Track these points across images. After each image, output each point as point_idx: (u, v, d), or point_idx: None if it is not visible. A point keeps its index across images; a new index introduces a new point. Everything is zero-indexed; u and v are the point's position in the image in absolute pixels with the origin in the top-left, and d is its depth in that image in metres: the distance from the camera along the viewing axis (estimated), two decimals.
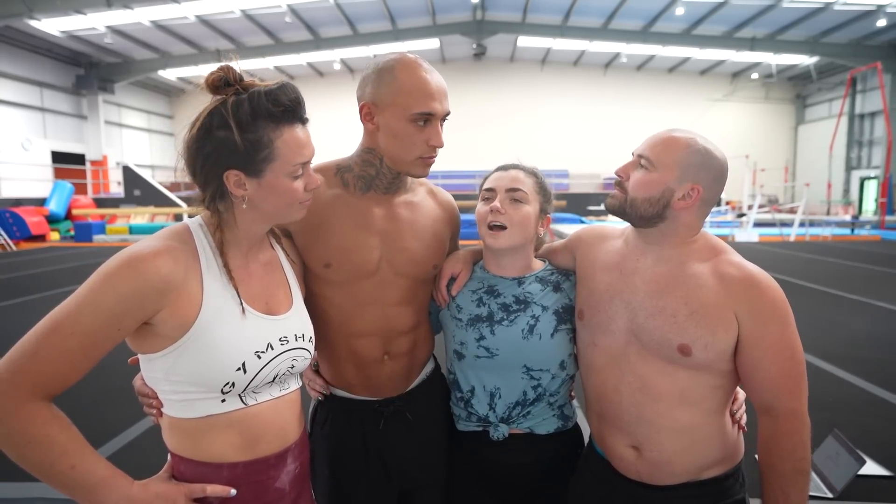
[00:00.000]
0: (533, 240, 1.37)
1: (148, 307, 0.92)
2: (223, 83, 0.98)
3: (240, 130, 0.95)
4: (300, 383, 1.15)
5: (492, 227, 1.30)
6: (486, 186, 1.35)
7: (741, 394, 1.27)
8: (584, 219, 16.37)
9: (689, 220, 1.16)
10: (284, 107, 0.97)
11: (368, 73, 1.25)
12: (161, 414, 1.03)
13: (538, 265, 1.41)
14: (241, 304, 1.01)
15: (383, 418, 1.35)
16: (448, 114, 1.26)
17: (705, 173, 1.13)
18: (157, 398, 1.01)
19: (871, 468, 2.53)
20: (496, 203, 1.29)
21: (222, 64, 0.99)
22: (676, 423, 1.15)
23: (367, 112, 1.24)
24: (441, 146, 1.25)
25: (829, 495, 2.32)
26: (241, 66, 1.00)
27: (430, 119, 1.22)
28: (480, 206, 1.34)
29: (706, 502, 1.18)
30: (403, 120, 1.21)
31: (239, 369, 0.98)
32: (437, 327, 1.49)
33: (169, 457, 1.03)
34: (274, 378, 1.04)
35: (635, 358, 1.18)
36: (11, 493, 2.40)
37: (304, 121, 1.02)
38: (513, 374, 1.32)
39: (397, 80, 1.20)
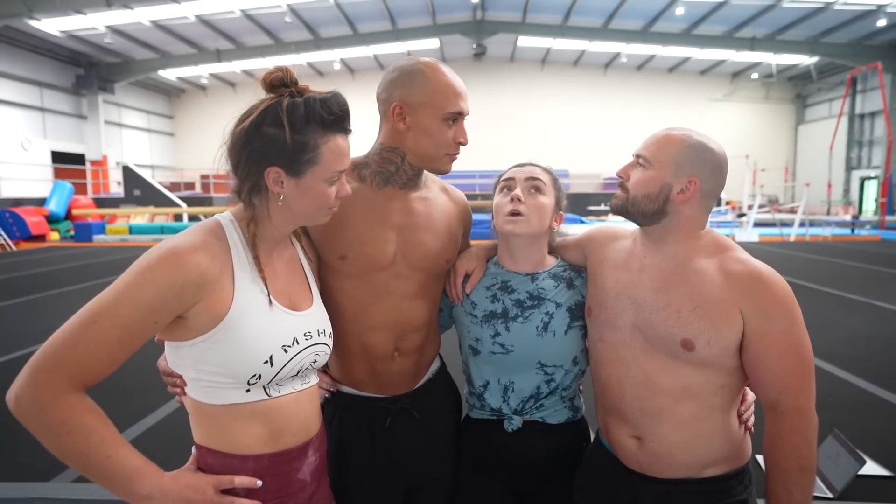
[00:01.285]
0: (548, 233, 1.39)
1: (186, 301, 0.94)
2: (280, 83, 1.02)
3: (292, 131, 0.99)
4: (317, 378, 1.18)
5: (511, 214, 1.32)
6: (505, 177, 1.38)
7: (750, 395, 1.27)
8: (584, 219, 16.38)
9: (691, 213, 1.19)
10: (336, 115, 1.02)
11: (393, 76, 1.29)
12: (184, 393, 1.05)
13: (551, 261, 1.43)
14: (270, 299, 1.04)
15: (390, 415, 1.36)
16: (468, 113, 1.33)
17: (701, 166, 1.16)
18: (182, 379, 1.04)
19: (871, 468, 2.53)
20: (517, 191, 1.33)
21: (281, 65, 1.04)
22: (678, 416, 1.16)
23: (399, 112, 1.28)
24: (467, 143, 1.32)
25: (829, 495, 2.32)
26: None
27: (458, 118, 1.29)
28: (499, 198, 1.37)
29: (707, 500, 1.18)
30: (437, 119, 1.27)
31: (266, 362, 1.00)
32: (447, 324, 1.51)
33: (194, 449, 1.05)
34: (298, 372, 1.07)
35: (640, 353, 1.20)
36: (11, 493, 2.40)
37: (348, 132, 1.07)
38: (527, 370, 1.35)
39: (430, 82, 1.26)
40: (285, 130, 0.98)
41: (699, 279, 1.15)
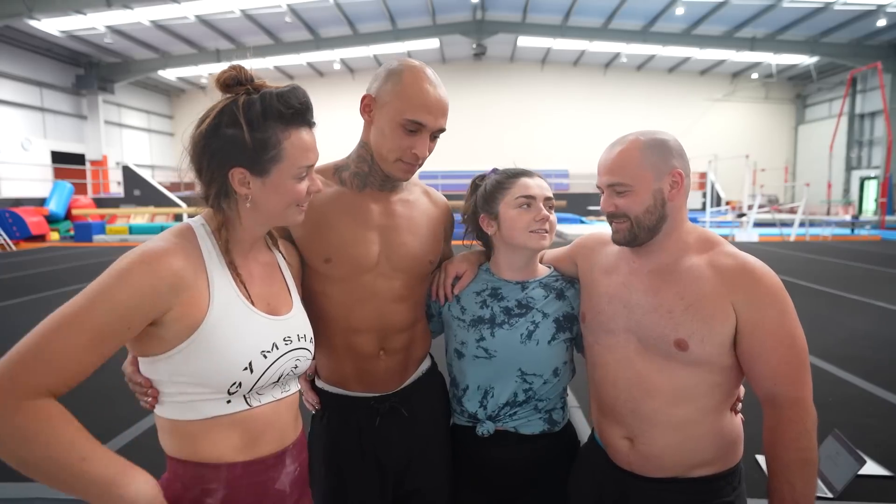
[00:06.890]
0: None
1: (160, 304, 0.91)
2: (234, 82, 0.99)
3: (250, 129, 0.96)
4: (299, 386, 1.16)
5: (540, 231, 1.34)
6: (526, 193, 1.35)
7: (741, 389, 1.27)
8: (584, 219, 16.38)
9: (680, 202, 1.20)
10: (294, 109, 0.99)
11: (379, 71, 1.30)
12: (155, 400, 1.00)
13: (543, 270, 1.45)
14: (247, 303, 1.01)
15: (378, 415, 1.36)
16: (442, 130, 1.29)
17: (672, 156, 1.18)
18: (152, 387, 0.99)
19: (871, 468, 2.53)
20: (546, 212, 1.35)
21: (234, 63, 1.00)
22: (671, 418, 1.17)
23: (367, 104, 1.29)
24: (423, 157, 1.29)
25: (830, 495, 2.32)
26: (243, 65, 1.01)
27: (419, 129, 1.26)
28: (519, 212, 1.34)
29: (693, 499, 1.19)
30: (394, 122, 1.25)
31: (246, 369, 0.97)
32: (438, 329, 1.51)
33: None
34: (279, 378, 1.05)
35: (634, 355, 1.21)
36: (11, 493, 2.40)
37: (311, 125, 1.03)
38: (507, 376, 1.36)
39: (401, 84, 1.24)
40: (243, 129, 0.95)
41: (690, 277, 1.16)
